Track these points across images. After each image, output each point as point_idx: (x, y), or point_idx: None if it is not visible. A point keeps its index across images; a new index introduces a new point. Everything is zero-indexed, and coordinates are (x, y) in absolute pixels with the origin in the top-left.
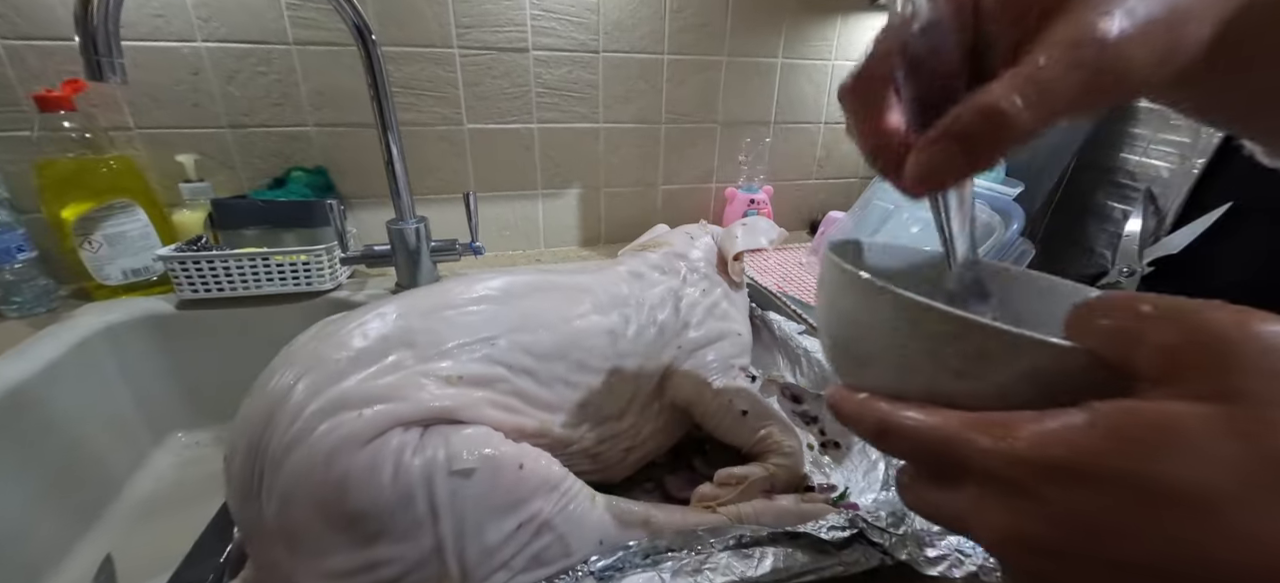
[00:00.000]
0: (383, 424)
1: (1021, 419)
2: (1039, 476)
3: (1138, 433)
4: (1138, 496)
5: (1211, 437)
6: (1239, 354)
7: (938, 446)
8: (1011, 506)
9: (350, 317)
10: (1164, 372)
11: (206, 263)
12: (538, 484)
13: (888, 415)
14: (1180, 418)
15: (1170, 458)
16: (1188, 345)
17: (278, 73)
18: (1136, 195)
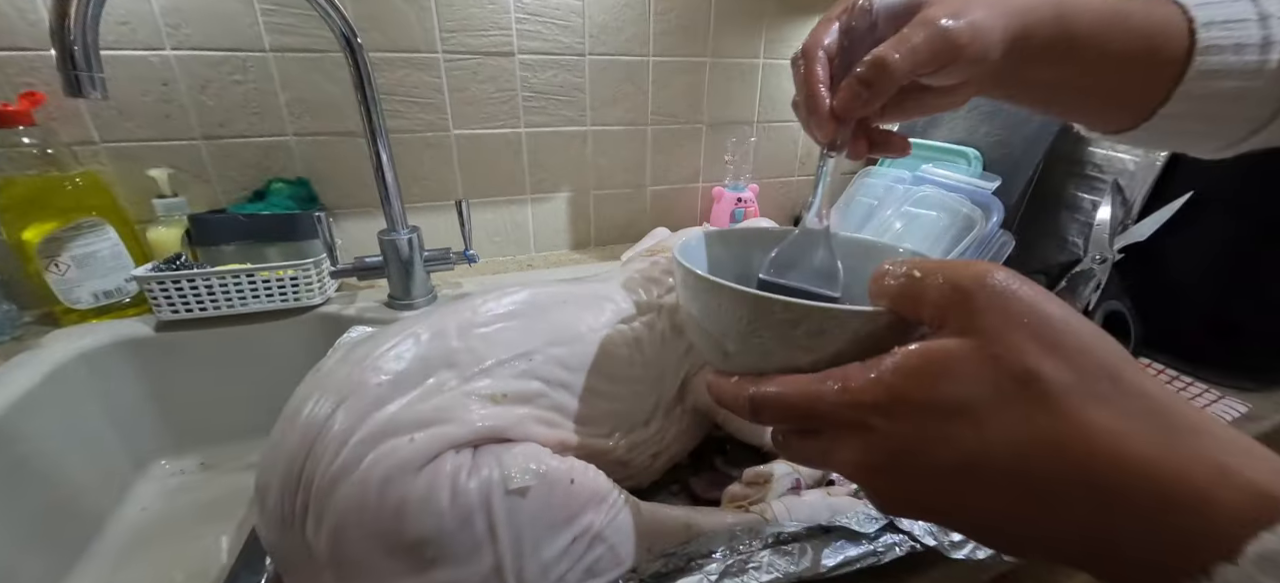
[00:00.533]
0: (435, 448)
1: (851, 373)
2: (868, 412)
3: (923, 367)
4: (930, 414)
5: (968, 363)
6: (978, 300)
7: (799, 407)
8: (855, 440)
9: (379, 339)
10: (937, 320)
11: (187, 282)
12: (588, 497)
13: (756, 395)
14: (949, 351)
15: (946, 382)
16: (948, 299)
17: (254, 81)
18: (1104, 187)
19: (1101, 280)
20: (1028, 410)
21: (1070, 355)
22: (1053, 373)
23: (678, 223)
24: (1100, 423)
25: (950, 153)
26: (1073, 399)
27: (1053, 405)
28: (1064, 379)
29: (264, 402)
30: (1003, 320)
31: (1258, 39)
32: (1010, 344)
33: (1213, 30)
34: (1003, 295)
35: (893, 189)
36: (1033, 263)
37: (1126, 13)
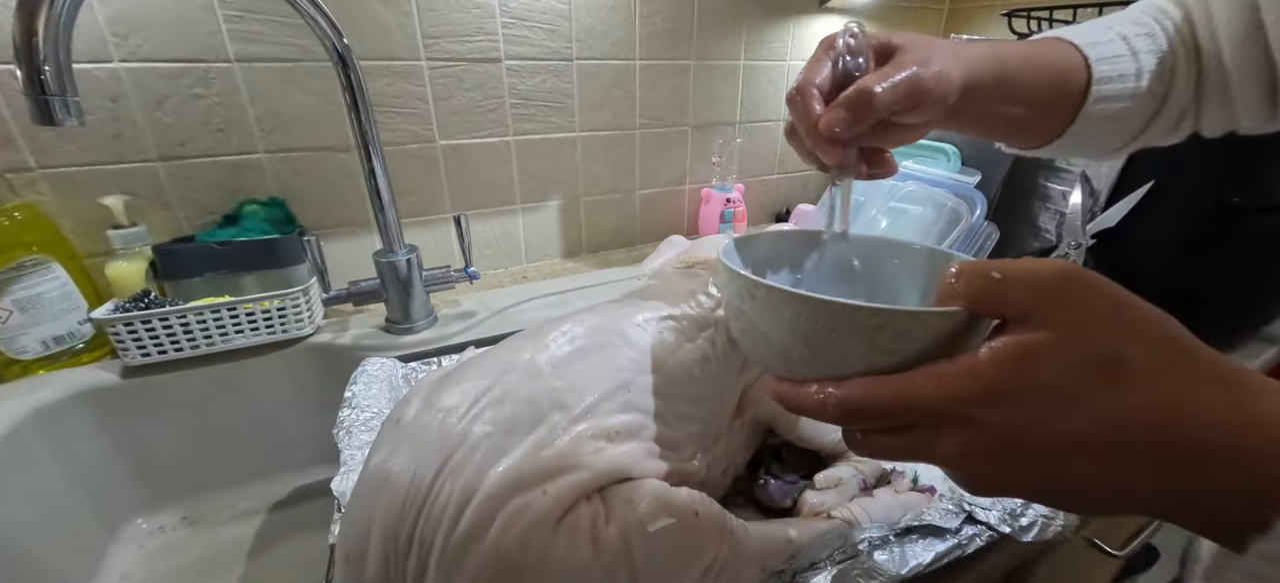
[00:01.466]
0: (568, 499)
1: (945, 371)
2: (970, 404)
3: (1020, 359)
4: (1030, 401)
5: (1060, 352)
6: (1061, 296)
7: (896, 408)
8: (958, 431)
9: (459, 380)
10: (1023, 315)
11: (159, 321)
12: (712, 530)
13: (847, 400)
14: (1042, 343)
15: (1042, 371)
16: (1033, 296)
17: (218, 94)
18: (1070, 177)
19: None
20: (1117, 389)
21: (1146, 338)
22: (1135, 354)
23: (667, 226)
24: (1181, 393)
25: (929, 149)
26: (1155, 376)
27: (1138, 383)
28: (1144, 359)
29: (252, 444)
30: (1084, 312)
31: (1132, 70)
32: (1095, 333)
33: (1103, 66)
34: (1082, 289)
35: (877, 185)
36: (1011, 251)
37: (1040, 54)
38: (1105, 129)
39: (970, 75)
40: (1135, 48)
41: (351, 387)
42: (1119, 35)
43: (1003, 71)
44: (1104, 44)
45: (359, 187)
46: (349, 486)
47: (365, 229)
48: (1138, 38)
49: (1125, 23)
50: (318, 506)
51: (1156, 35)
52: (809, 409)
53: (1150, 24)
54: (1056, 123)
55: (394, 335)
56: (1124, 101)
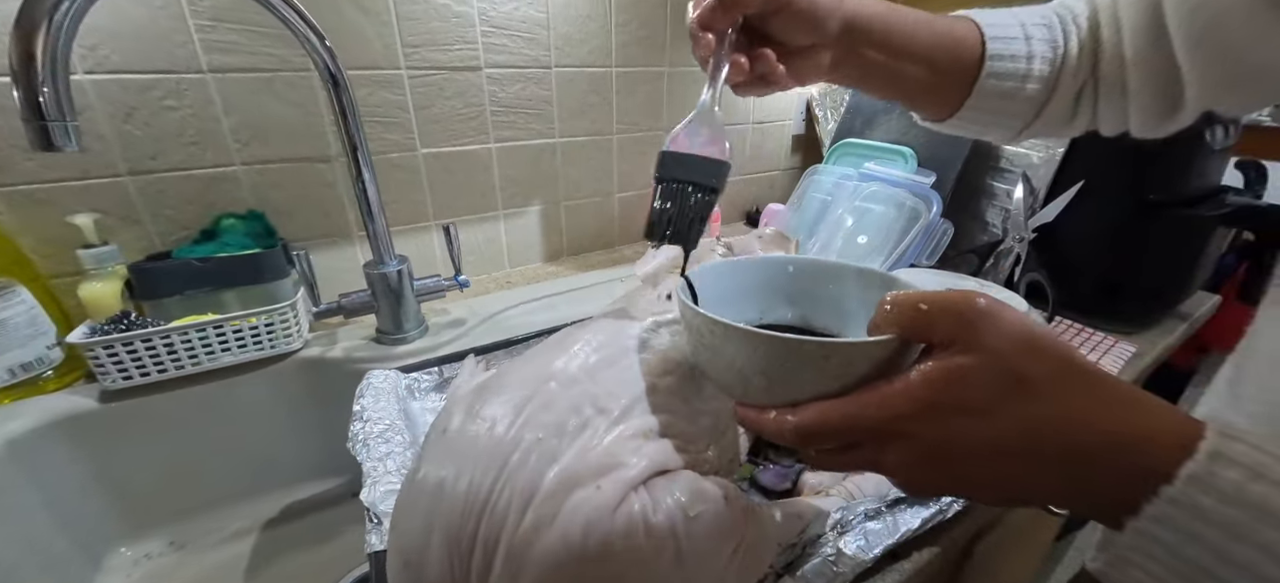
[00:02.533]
0: (621, 492)
1: (885, 393)
2: (907, 421)
3: (947, 381)
4: (956, 414)
5: (980, 372)
6: (979, 325)
7: (845, 429)
8: (898, 445)
9: (493, 392)
10: (947, 341)
11: (142, 343)
12: (740, 512)
13: (802, 426)
14: (964, 365)
15: (965, 389)
16: (955, 325)
17: (191, 106)
18: (1014, 177)
19: (1021, 256)
20: (1025, 403)
21: (1047, 359)
22: (1039, 373)
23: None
24: (1074, 405)
25: (889, 152)
26: (1055, 391)
27: (1044, 396)
28: (1046, 377)
29: (240, 463)
30: (997, 339)
31: (1023, 53)
32: (1008, 355)
33: (996, 44)
34: (994, 319)
35: (842, 185)
36: (963, 244)
37: (936, 20)
38: (1001, 108)
39: (855, 11)
40: (1030, 34)
41: (360, 400)
42: (1018, 22)
43: (892, 24)
44: (1001, 25)
45: (339, 197)
46: (378, 496)
47: (346, 240)
48: (1035, 26)
49: (1029, 12)
50: (314, 521)
51: (1054, 28)
52: (769, 434)
53: (1051, 18)
54: (954, 93)
55: (386, 346)
56: (1012, 82)
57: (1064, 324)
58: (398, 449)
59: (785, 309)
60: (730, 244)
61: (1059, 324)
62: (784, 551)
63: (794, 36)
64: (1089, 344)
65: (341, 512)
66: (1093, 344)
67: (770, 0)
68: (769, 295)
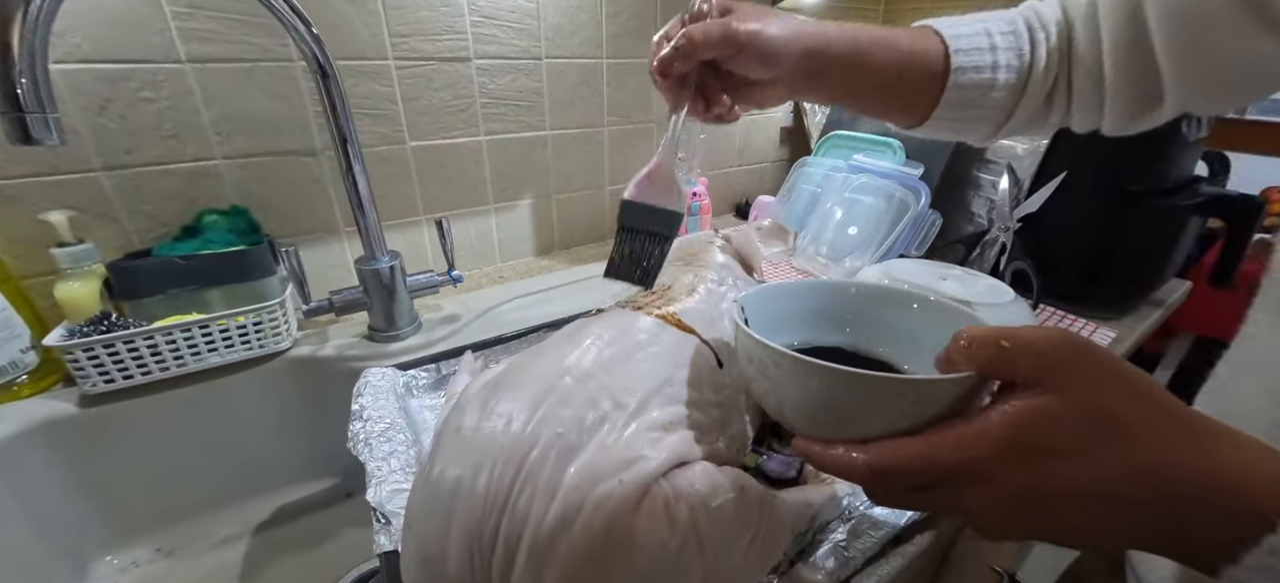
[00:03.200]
0: (643, 485)
1: (963, 434)
2: (990, 462)
3: (1032, 422)
4: (1043, 457)
5: (1067, 413)
6: (1066, 364)
7: (922, 471)
8: (978, 488)
9: (507, 389)
10: (1032, 380)
11: (124, 345)
12: (756, 500)
13: (875, 464)
14: (1050, 407)
15: (1052, 431)
16: (1039, 365)
17: (168, 98)
18: (1000, 168)
19: (1006, 245)
20: (1117, 447)
21: (1136, 397)
22: (1129, 414)
23: None
24: (1170, 445)
25: (877, 143)
26: (1149, 430)
27: (1135, 438)
28: (1136, 418)
29: (228, 466)
30: (1086, 378)
31: (989, 62)
32: (1097, 396)
33: (961, 56)
34: (1083, 358)
35: (831, 177)
36: (950, 235)
37: (898, 37)
38: (969, 115)
39: (814, 43)
40: (996, 43)
41: (358, 399)
42: (983, 29)
43: (856, 46)
44: (966, 35)
45: (325, 192)
46: (386, 496)
47: (334, 236)
48: (1000, 34)
49: (994, 19)
50: (307, 523)
51: (1021, 36)
52: (837, 471)
53: (1018, 25)
54: (921, 104)
55: (380, 344)
56: (979, 90)
57: (1047, 311)
58: (401, 448)
59: (836, 334)
60: (729, 236)
61: (1042, 312)
62: (796, 538)
63: (752, 72)
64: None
65: (336, 514)
66: (1075, 329)
67: (727, 44)
68: (821, 319)
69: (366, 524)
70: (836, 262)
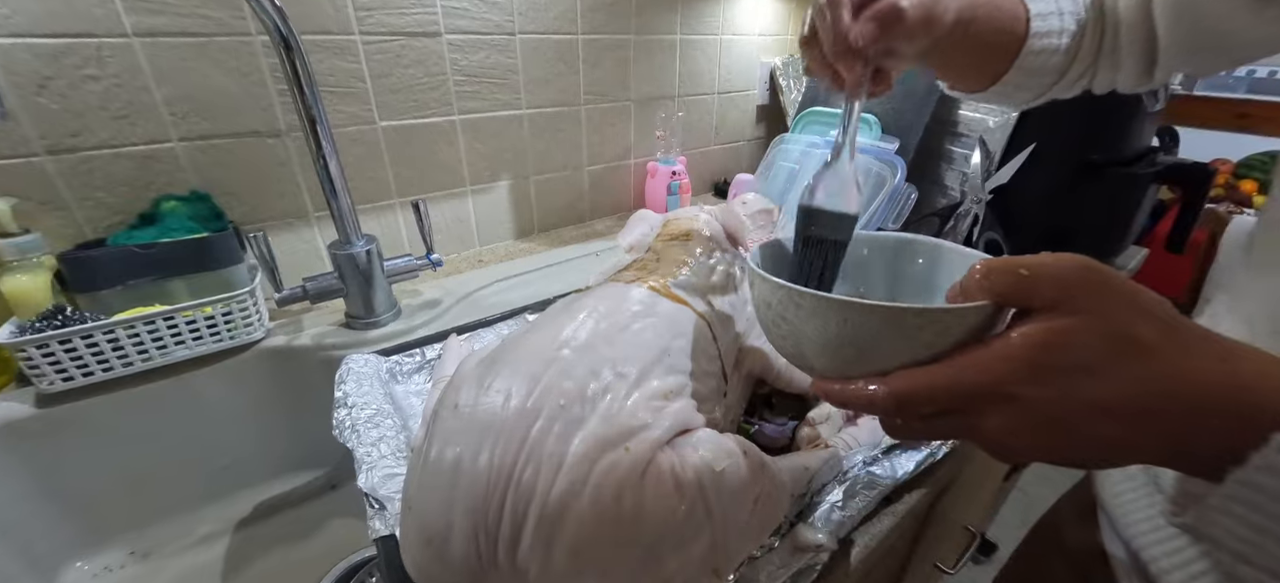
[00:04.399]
0: (649, 452)
1: (984, 357)
2: (1012, 383)
3: (1053, 342)
4: (1065, 375)
5: (1087, 333)
6: (1084, 285)
7: (945, 397)
8: (1001, 409)
9: (503, 364)
10: (1050, 304)
11: (82, 340)
12: (758, 464)
13: (899, 393)
14: (1071, 327)
15: (1073, 351)
16: (1058, 288)
17: (115, 75)
18: (971, 141)
19: (979, 216)
20: (1136, 362)
21: (1152, 317)
22: (1147, 332)
23: (616, 201)
24: (1184, 362)
25: None
26: (1164, 348)
27: (1152, 356)
28: (1154, 335)
29: (202, 463)
30: (1103, 300)
31: (1057, 28)
32: (1115, 316)
33: (1038, 21)
34: (1100, 280)
35: (809, 153)
36: (925, 208)
37: (998, 3)
38: (1027, 82)
39: (962, 8)
40: (1062, 7)
41: (341, 386)
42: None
43: (975, 12)
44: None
45: (293, 175)
46: (378, 481)
47: (303, 221)
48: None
49: None
50: (290, 517)
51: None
52: (859, 405)
53: None
54: (997, 68)
55: (358, 331)
56: (1046, 57)
57: None
58: (390, 434)
59: (846, 286)
60: (715, 212)
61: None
62: (795, 501)
63: (915, 47)
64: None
65: (320, 506)
66: None
67: (923, 18)
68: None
69: (353, 516)
70: None
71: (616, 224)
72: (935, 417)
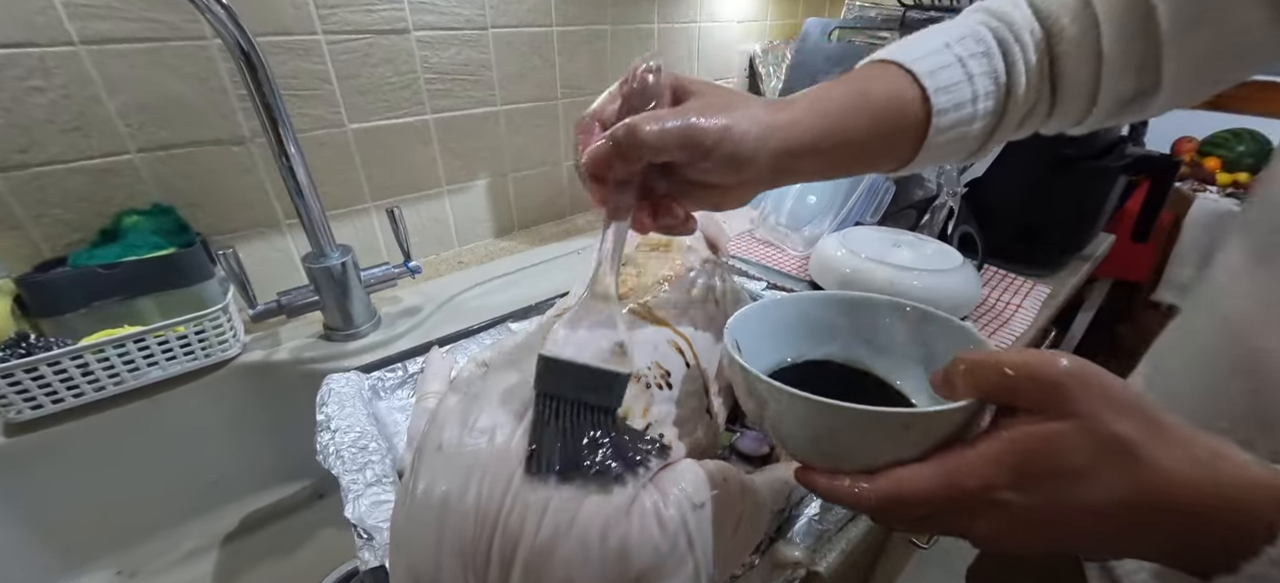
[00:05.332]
0: (633, 491)
1: (972, 460)
2: (1001, 489)
3: (1042, 448)
4: (1054, 481)
5: (1075, 437)
6: (1070, 389)
7: (930, 501)
8: (991, 515)
9: (487, 402)
10: (1036, 407)
11: (49, 368)
12: (737, 489)
13: (885, 496)
14: (1059, 431)
15: (1062, 456)
16: (1045, 392)
17: (63, 86)
18: None
19: (954, 210)
20: (1127, 465)
21: (1139, 420)
22: (1135, 434)
23: None
24: (1170, 464)
25: None
26: (1151, 452)
27: (1140, 458)
28: (1142, 437)
29: (185, 481)
30: (1091, 403)
31: (969, 96)
32: (1101, 418)
33: (940, 96)
34: (1087, 384)
35: None
36: (902, 201)
37: (869, 95)
38: (950, 151)
39: (782, 142)
40: (971, 72)
41: (323, 409)
42: (955, 57)
43: (827, 126)
44: (940, 72)
45: (260, 184)
46: (365, 510)
47: (274, 230)
48: (972, 58)
49: (958, 38)
50: (278, 529)
51: (994, 57)
52: (844, 503)
53: (988, 42)
54: (901, 154)
55: (337, 343)
56: (962, 128)
57: (990, 271)
58: (375, 459)
59: (826, 345)
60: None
61: (986, 272)
62: (775, 517)
63: (717, 178)
64: (1012, 289)
65: (308, 517)
66: (1015, 289)
67: (688, 147)
68: (809, 330)
69: (341, 526)
70: (796, 229)
71: (597, 219)
72: (924, 518)
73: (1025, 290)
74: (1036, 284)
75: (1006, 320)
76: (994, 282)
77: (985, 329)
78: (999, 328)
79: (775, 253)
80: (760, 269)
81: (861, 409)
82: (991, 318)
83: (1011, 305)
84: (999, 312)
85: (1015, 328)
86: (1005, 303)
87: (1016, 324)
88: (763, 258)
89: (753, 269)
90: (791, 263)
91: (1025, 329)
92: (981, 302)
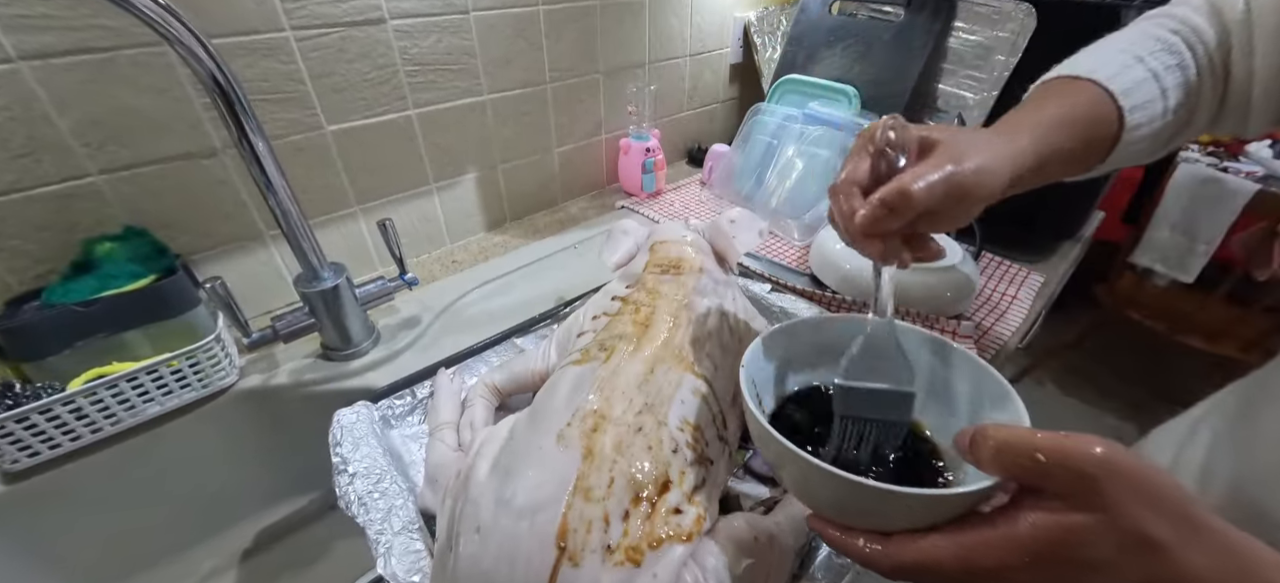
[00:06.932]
0: (674, 573)
1: (991, 539)
2: (1017, 571)
3: (1064, 538)
4: (1070, 568)
5: (1100, 531)
6: (1100, 481)
7: (946, 574)
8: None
9: (519, 476)
10: (1065, 493)
11: (41, 416)
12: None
13: (902, 566)
14: (1084, 524)
15: (1084, 549)
16: (1074, 481)
17: (6, 108)
18: (951, 118)
19: None
20: (1149, 565)
21: (1172, 517)
22: (1164, 534)
23: (588, 180)
24: (1197, 564)
25: (833, 91)
26: (1179, 552)
27: (1166, 558)
28: (1171, 537)
29: (193, 506)
30: (1123, 499)
31: (1160, 109)
32: (1130, 513)
33: (1135, 113)
34: (1117, 473)
35: (786, 126)
36: None
37: (1074, 115)
38: (1133, 156)
39: (1016, 170)
40: (1165, 85)
41: (337, 449)
42: (1148, 73)
43: (1043, 151)
44: (1136, 89)
45: (237, 195)
46: (398, 569)
47: (258, 243)
48: (1166, 70)
49: (1151, 49)
50: (295, 541)
51: (1187, 66)
52: (855, 559)
53: (1179, 49)
54: (1090, 165)
55: (337, 363)
56: (1151, 134)
57: (986, 258)
58: (398, 503)
59: (836, 369)
60: (701, 230)
61: (983, 259)
62: (797, 555)
63: (964, 216)
64: (1007, 278)
65: (323, 527)
66: (1011, 278)
67: (951, 196)
68: (821, 355)
69: (356, 535)
70: (796, 217)
71: (590, 205)
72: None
73: (1020, 280)
74: (1031, 272)
75: (1003, 313)
76: (990, 270)
77: (984, 323)
78: (996, 321)
79: (775, 242)
80: (761, 263)
81: (878, 487)
82: (989, 310)
83: (1007, 296)
84: (995, 303)
85: (1011, 321)
86: (1001, 294)
87: (1012, 318)
88: (762, 250)
89: (754, 264)
90: (792, 254)
91: (1021, 323)
92: (979, 292)
